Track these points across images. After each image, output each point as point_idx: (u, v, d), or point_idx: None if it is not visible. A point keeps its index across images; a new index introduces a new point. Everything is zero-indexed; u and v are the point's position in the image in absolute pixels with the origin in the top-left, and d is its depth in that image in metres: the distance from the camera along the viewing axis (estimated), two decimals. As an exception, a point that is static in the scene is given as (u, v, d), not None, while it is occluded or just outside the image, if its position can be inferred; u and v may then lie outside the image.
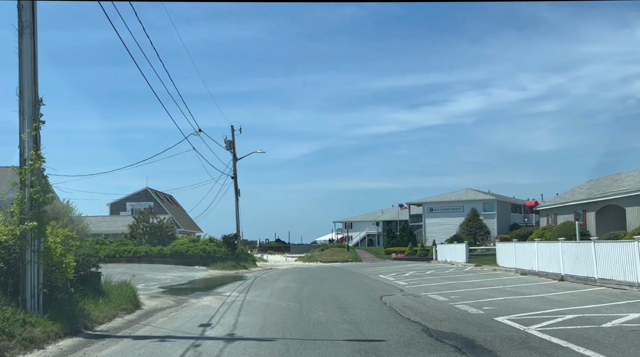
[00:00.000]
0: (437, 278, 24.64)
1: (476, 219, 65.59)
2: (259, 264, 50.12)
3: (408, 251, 55.95)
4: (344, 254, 58.71)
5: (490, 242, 61.85)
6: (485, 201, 67.79)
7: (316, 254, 62.04)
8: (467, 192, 71.90)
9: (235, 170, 44.21)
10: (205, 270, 36.56)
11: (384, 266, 40.82)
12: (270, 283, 24.57)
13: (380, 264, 48.31)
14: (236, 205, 44.28)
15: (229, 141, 43.56)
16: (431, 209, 71.05)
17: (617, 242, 18.55)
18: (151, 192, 68.86)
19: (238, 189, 44.30)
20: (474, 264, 32.63)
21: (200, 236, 45.31)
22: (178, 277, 28.50)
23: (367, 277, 27.99)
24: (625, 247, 17.06)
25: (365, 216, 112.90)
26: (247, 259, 42.93)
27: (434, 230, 70.08)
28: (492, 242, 63.05)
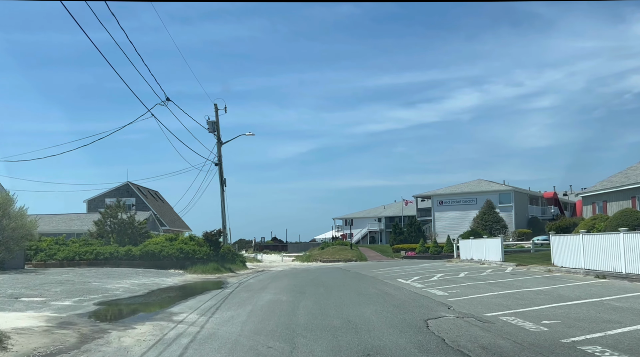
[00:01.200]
0: (483, 285, 17.93)
1: (492, 211, 58.99)
2: (250, 265, 43.38)
3: (419, 248, 49.28)
4: (346, 252, 52.01)
5: (509, 238, 55.16)
6: (501, 192, 61.14)
7: (315, 253, 55.32)
8: (479, 183, 65.27)
9: (220, 156, 37.52)
10: (181, 274, 29.84)
11: (397, 267, 34.14)
12: (254, 294, 17.86)
13: (390, 263, 41.62)
14: (222, 196, 37.63)
15: (212, 122, 36.86)
16: (441, 202, 64.39)
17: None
18: (132, 187, 62.04)
19: (224, 178, 37.62)
20: (515, 264, 25.92)
21: (183, 234, 38.59)
22: (137, 286, 21.74)
23: (384, 282, 21.30)
24: None
25: (367, 212, 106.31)
26: (235, 260, 36.20)
27: (444, 225, 63.50)
28: (510, 238, 56.37)
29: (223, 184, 37.60)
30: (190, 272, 30.54)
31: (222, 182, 37.52)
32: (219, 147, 37.61)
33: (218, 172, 37.48)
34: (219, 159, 37.37)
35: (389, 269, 31.52)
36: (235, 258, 36.46)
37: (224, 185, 37.62)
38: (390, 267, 33.66)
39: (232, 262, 35.44)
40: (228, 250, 36.01)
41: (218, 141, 37.58)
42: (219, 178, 37.56)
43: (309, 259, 51.81)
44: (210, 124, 36.94)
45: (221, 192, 37.63)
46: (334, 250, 53.58)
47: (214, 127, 36.98)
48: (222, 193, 37.63)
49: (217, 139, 37.53)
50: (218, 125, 37.45)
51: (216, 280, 26.90)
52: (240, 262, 36.72)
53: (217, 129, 37.45)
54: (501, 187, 62.63)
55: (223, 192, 37.66)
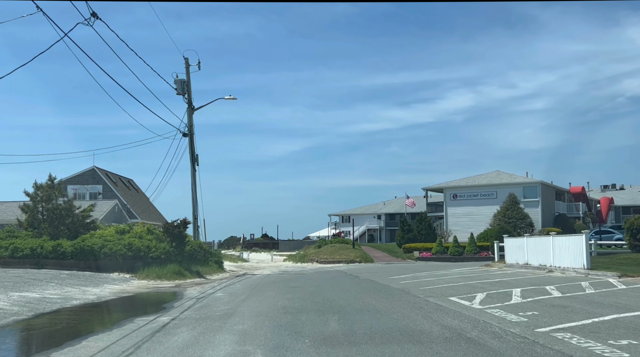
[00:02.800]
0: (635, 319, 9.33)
1: (516, 207, 50.38)
2: (231, 267, 34.67)
3: (436, 248, 40.68)
4: (348, 252, 43.36)
5: (538, 237, 46.72)
6: (526, 185, 52.60)
7: (311, 252, 46.65)
8: (498, 175, 56.73)
9: (191, 125, 28.75)
10: (125, 280, 21.08)
11: (421, 272, 25.57)
12: (204, 334, 9.16)
13: (405, 267, 33.04)
14: (192, 177, 28.85)
15: (181, 81, 28.14)
16: (454, 196, 55.79)
17: None
18: (99, 173, 53.09)
19: (195, 154, 28.90)
20: (615, 274, 17.20)
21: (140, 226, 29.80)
22: (24, 305, 12.98)
23: (432, 303, 12.69)
24: None
25: (365, 208, 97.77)
26: (208, 261, 27.52)
27: (459, 222, 54.93)
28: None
29: (195, 162, 28.87)
30: (140, 277, 21.81)
31: (193, 159, 28.79)
32: (189, 114, 28.86)
33: (188, 147, 28.76)
34: (189, 129, 28.62)
35: (413, 276, 22.91)
36: (208, 258, 27.73)
37: (195, 162, 28.89)
38: (413, 273, 25.05)
39: (203, 263, 26.72)
40: (199, 247, 27.28)
41: (189, 106, 28.83)
42: (190, 154, 28.84)
43: (303, 259, 43.15)
44: (179, 84, 28.18)
45: (192, 171, 28.89)
46: (332, 249, 44.93)
47: (183, 87, 28.24)
48: (194, 173, 28.90)
49: (188, 104, 28.77)
50: (189, 85, 28.70)
51: (169, 291, 18.16)
52: (214, 264, 27.99)
53: (188, 91, 28.69)
54: (525, 179, 54.11)
55: (195, 172, 28.94)
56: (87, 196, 52.38)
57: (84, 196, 52.29)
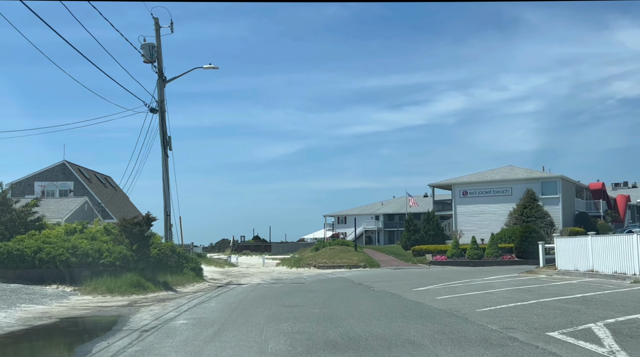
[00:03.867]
0: None
1: (534, 204, 45.12)
2: (214, 274, 29.09)
3: (452, 250, 35.21)
4: (349, 255, 37.82)
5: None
6: (545, 180, 47.28)
7: (308, 255, 41.09)
8: (512, 170, 51.42)
9: (161, 99, 23.12)
10: (63, 296, 15.45)
11: (451, 281, 20.11)
12: None
13: (421, 273, 27.60)
14: (164, 164, 23.18)
15: (149, 46, 22.55)
16: (464, 193, 50.40)
17: None
18: (70, 168, 47.26)
19: (167, 136, 23.27)
20: None
21: (97, 224, 24.14)
22: None
23: (517, 342, 7.20)
24: None
25: (362, 208, 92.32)
26: (182, 267, 21.93)
27: (470, 221, 49.56)
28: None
29: (167, 145, 23.22)
30: (85, 292, 16.19)
31: (164, 142, 23.14)
32: (160, 87, 23.20)
33: (159, 127, 23.09)
34: (159, 106, 22.98)
35: (445, 288, 17.45)
36: (182, 264, 22.11)
37: (168, 146, 23.25)
38: (441, 283, 19.58)
39: (175, 270, 21.11)
40: (170, 250, 21.68)
41: (159, 77, 23.18)
42: (160, 135, 23.17)
43: (298, 264, 37.58)
44: (146, 50, 22.54)
45: (163, 157, 23.23)
46: (332, 252, 39.36)
47: (152, 53, 22.62)
48: (165, 159, 23.23)
49: (158, 74, 23.12)
50: (159, 50, 23.06)
51: (112, 315, 12.54)
52: (191, 271, 22.35)
53: (159, 58, 23.06)
54: (543, 174, 48.81)
55: (167, 158, 23.27)
56: (57, 193, 46.57)
57: (54, 193, 46.49)
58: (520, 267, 29.25)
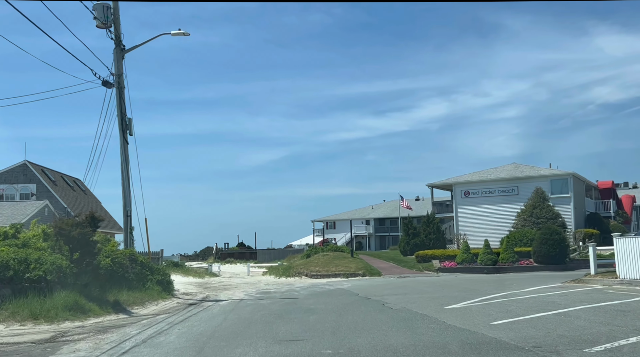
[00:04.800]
0: None
1: (544, 204, 41.09)
2: (186, 286, 24.46)
3: (462, 255, 30.87)
4: (345, 262, 33.33)
5: (578, 241, 37.30)
6: (555, 178, 43.31)
7: (298, 262, 36.52)
8: (517, 168, 47.41)
9: (120, 74, 18.52)
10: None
11: (485, 294, 15.75)
12: None
13: (435, 282, 23.20)
14: (122, 153, 18.53)
15: (104, 6, 17.94)
16: (466, 193, 46.25)
17: None
18: (32, 169, 42.24)
19: (128, 118, 18.66)
20: None
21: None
22: None
23: None
24: None
25: (352, 213, 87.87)
26: (145, 280, 17.32)
27: (473, 223, 45.44)
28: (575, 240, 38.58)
29: (126, 130, 18.60)
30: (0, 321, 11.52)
31: (123, 125, 18.51)
32: (117, 57, 18.57)
33: (116, 105, 18.48)
34: (116, 79, 18.37)
35: (489, 304, 13.13)
36: (145, 276, 17.49)
37: (127, 131, 18.63)
38: (474, 296, 15.23)
39: (135, 285, 16.49)
40: (130, 259, 17.04)
41: (117, 46, 18.58)
42: (118, 117, 18.55)
43: (288, 272, 32.99)
44: (100, 11, 17.96)
45: (122, 143, 18.57)
46: (325, 258, 34.83)
47: (107, 16, 18.06)
48: (125, 146, 18.60)
49: (115, 41, 18.51)
50: (117, 14, 18.48)
51: None
52: (156, 285, 17.72)
53: (116, 23, 18.48)
54: (553, 171, 44.85)
55: (126, 146, 18.64)
56: (17, 196, 41.55)
57: (14, 197, 41.48)
58: (549, 275, 25.01)
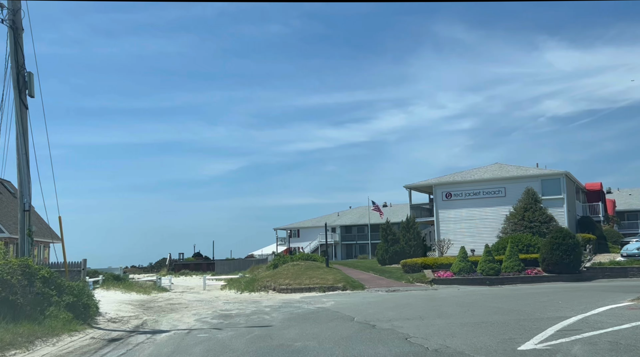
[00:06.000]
0: None
1: (536, 206, 36.79)
2: (119, 307, 18.57)
3: (459, 264, 25.95)
4: (321, 273, 27.91)
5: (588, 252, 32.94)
6: (546, 178, 39.13)
7: (264, 274, 30.87)
8: (501, 168, 43.15)
9: (15, 8, 12.91)
10: None
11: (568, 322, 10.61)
12: None
13: (444, 296, 18.06)
14: (19, 120, 12.79)
15: None
16: (448, 195, 41.63)
17: None
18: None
19: (26, 72, 12.99)
20: None
21: None
22: None
23: None
24: None
25: (317, 220, 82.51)
26: (48, 305, 11.46)
27: (455, 229, 40.84)
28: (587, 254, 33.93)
29: (24, 89, 12.85)
30: None
31: (19, 82, 12.78)
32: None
33: (10, 53, 12.76)
34: (9, 15, 12.69)
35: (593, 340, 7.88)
36: (48, 299, 11.68)
37: (26, 90, 12.90)
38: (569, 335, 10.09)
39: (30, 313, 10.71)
40: (24, 274, 11.21)
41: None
42: (13, 71, 12.80)
43: (252, 286, 27.34)
44: None
45: (18, 107, 12.81)
46: (296, 269, 29.33)
47: None
48: (22, 113, 12.82)
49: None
50: None
51: None
52: (63, 311, 11.92)
53: None
54: (543, 171, 40.69)
55: (25, 111, 12.88)
56: None
57: None
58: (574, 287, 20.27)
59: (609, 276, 24.76)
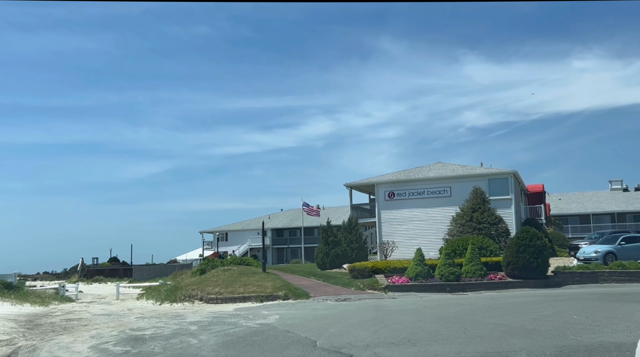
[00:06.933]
0: None
1: (485, 207, 34.55)
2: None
3: (416, 268, 22.68)
4: (257, 280, 23.83)
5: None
6: (493, 177, 36.97)
7: (189, 281, 26.36)
8: (445, 167, 40.78)
9: None
10: None
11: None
12: None
13: (412, 308, 14.52)
14: None
15: None
16: (391, 194, 38.68)
17: None
18: None
19: None
20: None
21: None
22: None
23: None
24: None
25: (246, 223, 78.10)
26: None
27: (398, 230, 37.96)
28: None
29: None
30: None
31: None
32: None
33: None
34: None
35: None
36: None
37: None
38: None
39: None
40: None
41: None
42: None
43: (174, 296, 22.84)
44: None
45: None
46: (227, 275, 25.07)
47: None
48: None
49: None
50: None
51: None
52: None
53: None
54: (490, 169, 38.48)
55: None
56: None
57: None
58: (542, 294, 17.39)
59: (579, 281, 22.32)
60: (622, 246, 27.48)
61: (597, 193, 66.84)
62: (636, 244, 27.91)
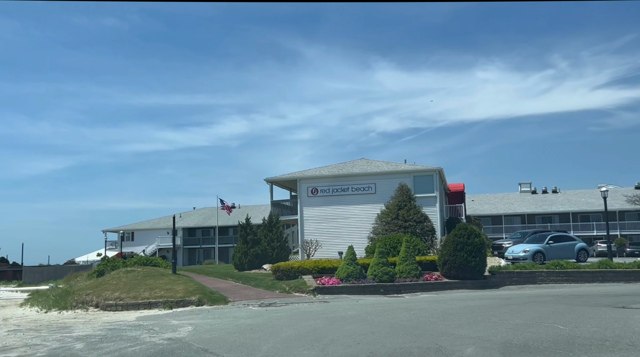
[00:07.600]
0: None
1: (411, 204, 33.19)
2: None
3: (346, 268, 20.39)
4: (165, 282, 20.57)
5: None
6: (419, 174, 35.78)
7: (84, 284, 22.54)
8: (369, 163, 39.19)
9: None
10: None
11: None
12: None
13: (354, 314, 12.11)
14: None
15: None
16: (314, 191, 36.50)
17: None
18: None
19: None
20: None
21: None
22: None
23: None
24: None
25: (155, 222, 73.14)
26: None
27: (322, 228, 35.90)
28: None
29: None
30: None
31: None
32: None
33: None
34: None
35: None
36: None
37: None
38: None
39: None
40: None
41: None
42: None
43: (65, 301, 19.12)
44: None
45: None
46: (131, 277, 21.57)
47: None
48: None
49: None
50: None
51: None
52: None
53: None
54: (416, 166, 37.21)
55: None
56: None
57: None
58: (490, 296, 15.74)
59: (517, 282, 21.07)
60: (550, 245, 26.92)
61: (508, 195, 68.57)
62: (563, 243, 27.49)
